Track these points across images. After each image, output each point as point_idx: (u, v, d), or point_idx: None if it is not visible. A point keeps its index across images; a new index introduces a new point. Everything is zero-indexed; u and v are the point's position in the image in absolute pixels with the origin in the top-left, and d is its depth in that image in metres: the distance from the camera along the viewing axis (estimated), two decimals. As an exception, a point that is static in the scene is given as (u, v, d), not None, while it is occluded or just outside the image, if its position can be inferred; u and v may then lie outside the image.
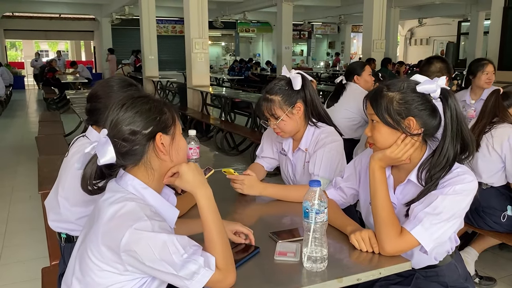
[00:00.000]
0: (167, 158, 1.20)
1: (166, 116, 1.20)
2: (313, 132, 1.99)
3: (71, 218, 1.69)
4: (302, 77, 1.93)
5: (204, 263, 1.08)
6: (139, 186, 1.16)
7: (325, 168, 1.90)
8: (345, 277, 1.25)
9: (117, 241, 1.04)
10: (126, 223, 1.05)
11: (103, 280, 1.09)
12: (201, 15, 7.61)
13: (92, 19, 19.08)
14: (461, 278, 1.57)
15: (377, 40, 8.94)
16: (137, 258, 1.04)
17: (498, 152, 2.49)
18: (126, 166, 1.18)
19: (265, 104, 1.93)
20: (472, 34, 15.21)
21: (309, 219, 1.27)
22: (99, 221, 1.10)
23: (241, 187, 1.87)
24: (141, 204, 1.12)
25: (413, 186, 1.45)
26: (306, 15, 18.67)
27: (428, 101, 1.40)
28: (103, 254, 1.07)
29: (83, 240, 1.16)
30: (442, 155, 1.38)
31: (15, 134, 8.24)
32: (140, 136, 1.15)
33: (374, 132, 1.44)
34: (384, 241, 1.36)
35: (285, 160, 2.14)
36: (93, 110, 1.73)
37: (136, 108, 1.16)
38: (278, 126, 1.94)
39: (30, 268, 3.02)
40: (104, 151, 1.13)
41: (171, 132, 1.20)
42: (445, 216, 1.32)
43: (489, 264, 2.97)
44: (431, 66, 3.06)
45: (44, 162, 3.77)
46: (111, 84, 1.74)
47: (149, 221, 1.06)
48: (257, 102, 2.02)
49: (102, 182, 1.21)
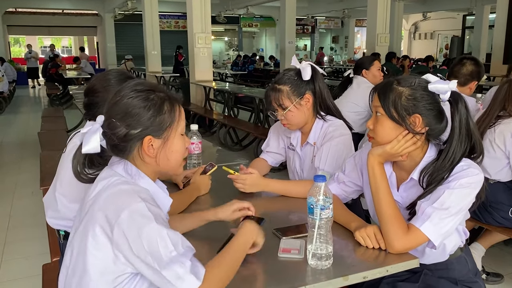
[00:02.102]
0: (153, 161, 1.15)
1: (163, 117, 1.12)
2: (322, 125, 1.95)
3: (69, 215, 1.66)
4: (312, 68, 1.89)
5: (190, 269, 1.01)
6: (134, 171, 1.13)
7: (330, 163, 1.86)
8: (351, 275, 1.22)
9: (111, 221, 1.01)
10: (122, 204, 1.02)
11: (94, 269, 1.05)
12: (204, 9, 7.58)
13: (95, 14, 19.07)
14: (471, 273, 1.54)
15: (381, 34, 8.88)
16: (127, 240, 1.00)
17: (502, 148, 2.45)
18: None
19: (273, 94, 1.90)
20: (477, 28, 15.08)
21: (314, 215, 1.24)
22: (94, 206, 1.06)
23: (243, 187, 1.84)
24: (136, 187, 1.09)
25: (416, 185, 1.43)
26: (309, 9, 18.58)
27: (436, 102, 1.38)
28: (97, 239, 1.03)
29: (76, 231, 1.12)
30: (447, 159, 1.35)
31: (19, 130, 8.25)
32: (128, 135, 1.10)
33: (376, 125, 1.41)
34: (392, 238, 1.33)
35: (292, 155, 2.10)
36: (91, 104, 1.69)
37: (131, 103, 1.11)
38: (286, 117, 1.90)
39: (33, 264, 3.01)
40: (89, 139, 1.11)
41: (164, 135, 1.13)
42: (453, 211, 1.31)
43: (496, 260, 2.93)
44: (463, 68, 2.89)
45: (46, 158, 3.74)
46: (109, 78, 1.70)
47: (143, 202, 1.02)
48: (265, 92, 1.98)
49: (94, 171, 1.18)
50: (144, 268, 1.02)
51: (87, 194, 1.15)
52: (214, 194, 1.94)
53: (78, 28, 20.50)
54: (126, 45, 18.47)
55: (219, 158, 2.81)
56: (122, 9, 14.45)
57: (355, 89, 3.60)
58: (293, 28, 12.67)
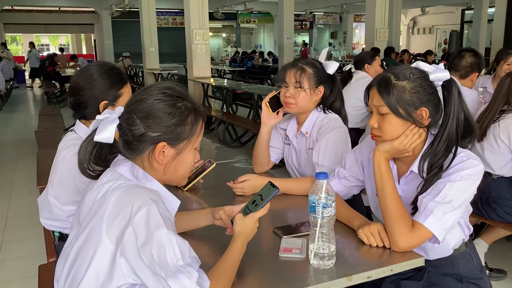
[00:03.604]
0: (161, 169, 1.11)
1: (184, 128, 1.09)
2: (317, 116, 1.93)
3: (62, 216, 1.63)
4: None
5: (197, 280, 0.98)
6: (141, 174, 1.09)
7: (329, 158, 1.83)
8: (354, 275, 1.18)
9: (123, 223, 0.96)
10: (134, 206, 0.97)
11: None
12: (201, 5, 7.55)
13: (92, 12, 19.00)
14: (476, 269, 1.51)
15: (380, 29, 8.84)
16: (137, 242, 0.95)
17: (506, 143, 2.42)
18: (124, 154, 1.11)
19: (294, 70, 1.88)
20: (476, 23, 15.02)
21: (316, 214, 1.20)
22: (100, 210, 1.01)
23: (242, 191, 1.81)
24: (146, 188, 1.05)
25: (417, 177, 1.40)
26: (307, 5, 18.50)
27: (435, 90, 1.36)
28: (103, 245, 0.98)
29: (78, 236, 1.06)
30: (442, 143, 1.33)
31: (16, 129, 8.21)
32: (144, 135, 1.07)
33: (383, 124, 1.37)
34: (397, 236, 1.30)
35: (289, 149, 2.08)
36: (78, 104, 1.61)
37: (157, 105, 1.06)
38: (296, 96, 1.87)
39: (30, 264, 2.97)
40: (105, 127, 1.06)
41: (179, 146, 1.10)
42: (456, 204, 1.28)
43: (499, 256, 2.91)
44: (462, 60, 2.90)
45: (43, 156, 3.69)
46: (91, 73, 1.61)
47: (154, 204, 0.98)
48: (282, 66, 1.96)
49: (99, 167, 1.13)
50: (147, 275, 0.97)
51: (86, 197, 1.10)
52: (213, 193, 1.90)
53: (75, 25, 20.42)
54: (124, 42, 18.39)
55: (218, 155, 2.78)
56: (119, 6, 14.35)
57: (355, 84, 3.59)
58: (291, 24, 12.60)
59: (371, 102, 1.40)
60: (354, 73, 3.66)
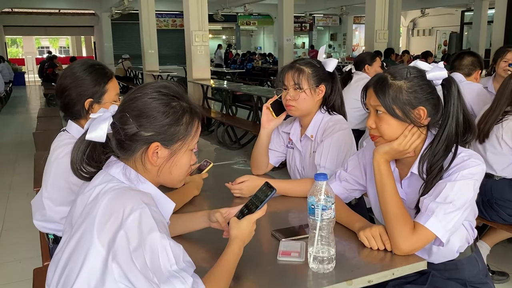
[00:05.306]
0: (154, 170, 1.08)
1: (179, 128, 1.05)
2: (322, 118, 1.91)
3: (55, 218, 1.60)
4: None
5: (192, 285, 0.95)
6: (133, 175, 1.05)
7: (331, 159, 1.80)
8: (355, 279, 1.15)
9: (115, 227, 0.92)
10: (126, 209, 0.94)
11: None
12: (200, 6, 7.54)
13: (91, 14, 18.98)
14: (481, 274, 1.48)
15: (380, 30, 8.83)
16: (129, 246, 0.92)
17: (509, 144, 2.40)
18: (117, 155, 1.08)
19: (292, 71, 1.86)
20: (475, 24, 15.01)
21: (315, 216, 1.17)
22: (92, 213, 0.97)
23: (240, 193, 1.79)
24: (139, 191, 1.01)
25: (418, 179, 1.37)
26: (307, 6, 18.50)
27: (434, 89, 1.34)
28: (94, 250, 0.94)
29: (70, 239, 1.02)
30: (441, 143, 1.31)
31: (15, 131, 8.19)
32: (136, 135, 1.03)
33: (381, 124, 1.34)
34: (398, 239, 1.27)
35: (292, 153, 2.04)
36: (66, 104, 1.60)
37: (151, 104, 1.03)
38: (296, 98, 1.84)
39: (27, 267, 2.94)
40: (97, 126, 1.03)
41: (173, 147, 1.06)
42: (458, 204, 1.25)
43: (500, 258, 2.87)
44: (463, 60, 3.15)
45: (40, 158, 3.65)
46: (74, 72, 1.60)
47: (147, 208, 0.95)
48: (281, 69, 1.95)
49: (91, 169, 1.10)
50: (140, 280, 0.93)
51: (78, 200, 1.07)
52: (211, 195, 1.88)
53: (75, 28, 20.39)
54: (123, 44, 18.35)
55: (217, 157, 2.75)
56: (119, 8, 14.34)
57: (355, 84, 3.58)
58: (291, 25, 12.60)
59: (368, 102, 1.39)
60: (354, 73, 3.65)
